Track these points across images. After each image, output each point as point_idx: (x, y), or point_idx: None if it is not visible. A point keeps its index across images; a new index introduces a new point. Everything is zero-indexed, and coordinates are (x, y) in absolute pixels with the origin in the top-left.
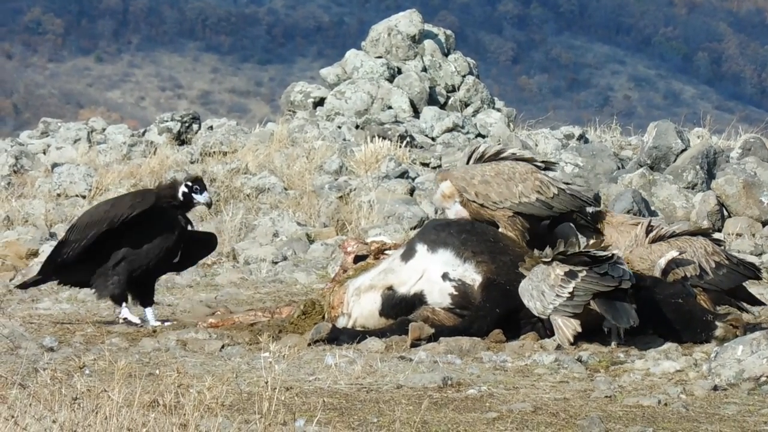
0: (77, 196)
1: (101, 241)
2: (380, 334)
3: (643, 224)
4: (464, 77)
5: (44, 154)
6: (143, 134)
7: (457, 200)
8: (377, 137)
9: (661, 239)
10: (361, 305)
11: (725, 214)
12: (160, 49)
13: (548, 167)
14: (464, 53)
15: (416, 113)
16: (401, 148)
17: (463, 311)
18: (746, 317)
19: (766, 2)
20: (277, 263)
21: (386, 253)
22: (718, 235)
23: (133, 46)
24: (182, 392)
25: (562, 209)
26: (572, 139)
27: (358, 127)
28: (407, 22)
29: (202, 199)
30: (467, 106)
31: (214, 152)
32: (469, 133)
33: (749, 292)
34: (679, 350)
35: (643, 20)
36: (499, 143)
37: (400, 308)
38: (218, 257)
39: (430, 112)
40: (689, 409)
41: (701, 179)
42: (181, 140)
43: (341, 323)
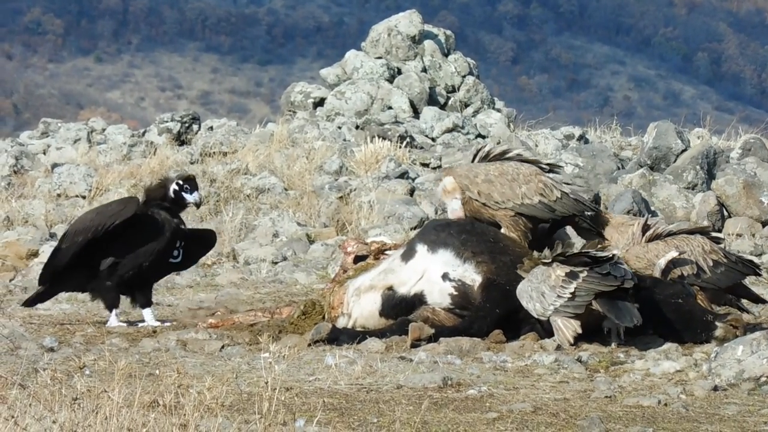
0: (77, 196)
1: (91, 248)
2: (380, 334)
3: (639, 223)
4: (464, 77)
5: (44, 154)
6: (143, 134)
7: (458, 197)
8: (377, 138)
9: (657, 238)
10: (361, 305)
11: (725, 214)
12: (160, 49)
13: (553, 170)
14: (464, 53)
15: (416, 114)
16: (401, 148)
17: (463, 311)
18: (746, 317)
19: (766, 2)
20: (277, 263)
21: (386, 253)
22: (716, 233)
23: (132, 46)
24: (182, 392)
25: (564, 212)
26: (572, 139)
27: (358, 127)
28: (407, 22)
29: (191, 198)
30: (467, 106)
31: (214, 152)
32: (469, 133)
33: (749, 288)
34: (679, 350)
35: (643, 20)
36: (499, 143)
37: (400, 308)
38: (218, 257)
39: (430, 112)
40: (689, 409)
41: (701, 179)
42: (181, 141)
43: (341, 323)
